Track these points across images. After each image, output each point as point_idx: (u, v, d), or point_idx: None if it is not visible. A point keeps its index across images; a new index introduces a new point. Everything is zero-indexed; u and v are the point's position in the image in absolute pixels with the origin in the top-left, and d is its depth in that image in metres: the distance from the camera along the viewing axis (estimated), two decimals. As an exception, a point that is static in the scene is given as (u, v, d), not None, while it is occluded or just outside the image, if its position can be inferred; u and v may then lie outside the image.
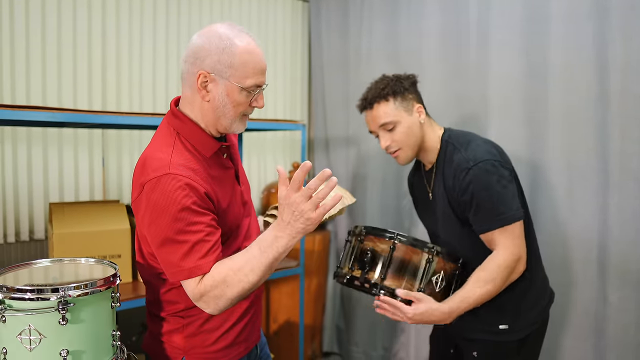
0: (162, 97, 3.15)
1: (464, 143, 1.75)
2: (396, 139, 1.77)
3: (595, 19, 2.18)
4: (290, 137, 3.84)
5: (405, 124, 1.77)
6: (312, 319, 3.49)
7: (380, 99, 1.79)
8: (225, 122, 1.41)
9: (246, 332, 1.54)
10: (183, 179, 1.30)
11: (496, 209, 1.64)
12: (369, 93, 1.83)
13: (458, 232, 1.77)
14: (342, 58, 3.52)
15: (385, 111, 1.78)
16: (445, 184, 1.74)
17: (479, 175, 1.64)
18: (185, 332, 1.46)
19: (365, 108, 1.85)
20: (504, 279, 1.65)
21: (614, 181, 2.15)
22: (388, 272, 1.65)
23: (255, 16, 3.59)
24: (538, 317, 1.75)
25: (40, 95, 2.70)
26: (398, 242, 1.67)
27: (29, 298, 1.16)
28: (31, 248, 2.75)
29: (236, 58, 1.35)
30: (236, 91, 1.37)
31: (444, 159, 1.78)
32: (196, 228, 1.30)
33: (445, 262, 1.68)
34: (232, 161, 1.54)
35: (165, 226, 1.30)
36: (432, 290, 1.65)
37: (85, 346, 1.20)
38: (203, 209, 1.32)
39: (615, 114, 2.14)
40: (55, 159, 2.78)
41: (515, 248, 1.65)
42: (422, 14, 2.93)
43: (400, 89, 1.80)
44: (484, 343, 1.74)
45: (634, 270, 2.11)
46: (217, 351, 1.48)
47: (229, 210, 1.44)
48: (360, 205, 3.41)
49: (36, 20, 2.67)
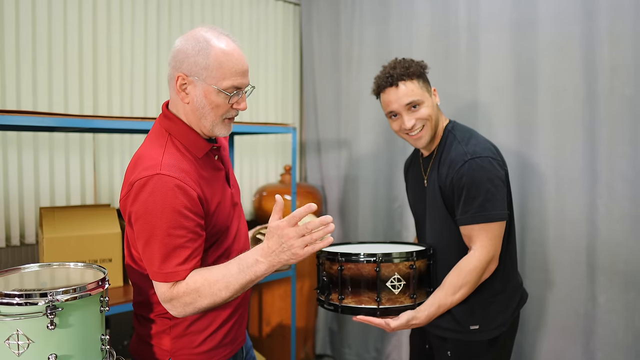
0: (153, 102, 3.14)
1: (466, 136, 1.77)
2: (422, 116, 1.76)
3: (582, 22, 2.21)
4: (282, 140, 3.84)
5: (429, 103, 1.77)
6: (304, 322, 3.49)
7: (407, 77, 1.75)
8: (207, 124, 1.42)
9: (232, 334, 1.54)
10: (173, 180, 1.31)
11: (483, 205, 1.65)
12: (394, 71, 1.77)
13: (442, 221, 1.78)
14: (334, 61, 3.53)
15: (412, 89, 1.75)
16: (440, 172, 1.76)
17: (474, 169, 1.66)
18: (172, 334, 1.46)
19: (390, 85, 1.77)
20: (477, 280, 1.69)
21: (602, 182, 2.17)
22: (344, 291, 1.68)
23: (246, 19, 3.60)
24: (507, 319, 1.79)
25: (30, 99, 2.69)
26: (344, 261, 1.68)
27: (17, 303, 1.15)
28: (22, 253, 2.74)
29: (211, 59, 1.36)
30: (213, 93, 1.37)
31: (443, 147, 1.80)
32: (179, 233, 1.31)
33: (396, 264, 1.68)
34: (223, 163, 1.54)
35: (150, 226, 1.31)
36: (391, 295, 1.66)
37: (73, 351, 1.20)
38: (191, 212, 1.33)
39: (604, 115, 2.16)
40: (46, 163, 2.77)
41: (492, 248, 1.68)
42: (413, 17, 2.95)
43: (422, 70, 1.80)
44: (455, 342, 1.78)
45: (623, 271, 2.13)
46: (203, 352, 1.47)
47: (218, 211, 1.44)
48: (352, 207, 3.42)
49: (26, 24, 2.66)
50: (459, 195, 1.69)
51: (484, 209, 1.65)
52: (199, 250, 1.36)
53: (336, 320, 3.57)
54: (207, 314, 1.46)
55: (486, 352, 1.78)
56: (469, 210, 1.67)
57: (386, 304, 1.66)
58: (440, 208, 1.77)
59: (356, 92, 3.36)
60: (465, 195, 1.67)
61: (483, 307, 1.74)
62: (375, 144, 3.26)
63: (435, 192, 1.78)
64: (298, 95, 3.98)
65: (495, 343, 1.77)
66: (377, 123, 3.23)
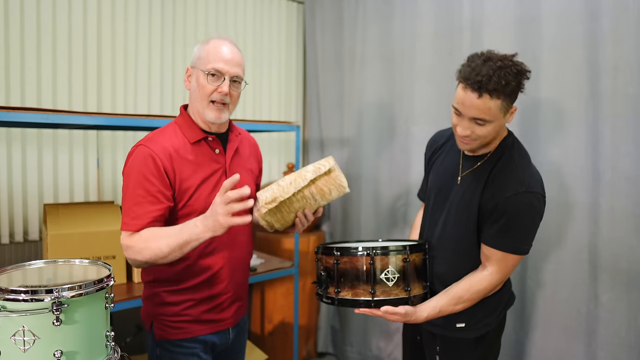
0: (156, 99, 3.15)
1: (524, 163, 1.69)
2: (479, 134, 1.61)
3: (586, 21, 2.20)
4: (285, 138, 3.85)
5: (497, 124, 1.61)
6: (306, 320, 3.49)
7: (495, 93, 1.52)
8: (198, 106, 1.67)
9: (212, 315, 1.73)
10: (147, 150, 1.59)
11: (516, 237, 1.64)
12: (489, 81, 1.52)
13: (463, 222, 1.75)
14: (337, 59, 3.53)
15: (489, 107, 1.55)
16: (486, 189, 1.69)
17: (524, 203, 1.61)
18: (155, 300, 1.71)
19: (473, 90, 1.54)
20: (480, 299, 1.72)
21: (605, 181, 2.17)
22: (340, 284, 1.71)
23: (250, 18, 3.60)
24: (494, 320, 1.79)
25: (35, 96, 2.70)
26: (339, 255, 1.72)
27: (23, 299, 1.16)
28: (25, 249, 2.75)
29: (204, 50, 1.66)
30: (201, 76, 1.65)
31: (496, 161, 1.70)
32: (139, 192, 1.57)
33: (390, 257, 1.70)
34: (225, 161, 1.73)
35: (125, 184, 1.61)
36: (385, 287, 1.69)
37: (79, 347, 1.21)
38: (155, 178, 1.57)
39: (607, 115, 2.16)
40: (49, 160, 2.78)
41: (505, 276, 1.69)
42: (416, 15, 2.95)
43: (516, 91, 1.58)
44: (443, 338, 1.81)
45: (625, 270, 2.13)
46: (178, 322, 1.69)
47: (197, 193, 1.65)
48: (355, 206, 3.43)
49: (31, 22, 2.67)
50: (497, 219, 1.66)
51: (516, 241, 1.64)
52: (155, 211, 1.57)
53: (338, 318, 3.58)
54: (187, 290, 1.68)
55: (473, 349, 1.79)
56: (500, 237, 1.65)
57: (380, 296, 1.68)
58: (470, 220, 1.73)
59: (359, 90, 3.36)
60: (504, 222, 1.64)
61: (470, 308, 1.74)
62: (378, 142, 3.26)
63: (472, 203, 1.72)
64: (301, 93, 3.98)
65: (482, 341, 1.79)
66: (380, 121, 3.23)
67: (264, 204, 1.67)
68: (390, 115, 3.17)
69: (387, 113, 3.19)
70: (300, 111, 3.98)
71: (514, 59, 1.58)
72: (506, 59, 1.57)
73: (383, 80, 3.21)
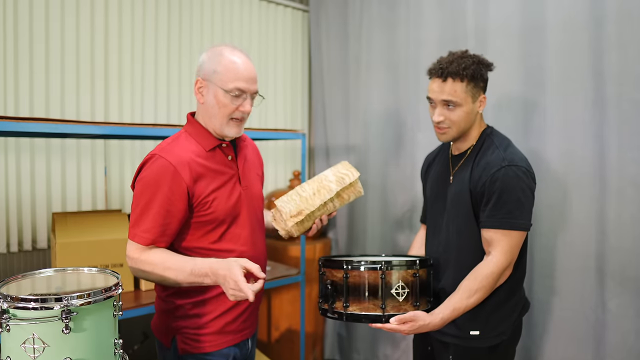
0: (163, 108, 3.18)
1: (504, 143, 1.78)
2: (452, 118, 1.76)
3: (591, 28, 2.20)
4: (291, 146, 3.86)
5: (466, 109, 1.76)
6: (313, 327, 3.49)
7: (456, 76, 1.73)
8: (216, 122, 1.64)
9: (236, 324, 1.71)
10: (164, 162, 1.56)
11: (511, 212, 1.66)
12: (449, 65, 1.75)
13: (463, 221, 1.79)
14: (342, 67, 3.55)
15: (455, 89, 1.74)
16: (473, 173, 1.77)
17: (509, 176, 1.67)
18: (177, 314, 1.67)
19: (438, 76, 1.78)
20: (493, 285, 1.70)
21: (611, 188, 2.16)
22: (349, 299, 1.70)
23: (255, 26, 3.63)
24: (509, 327, 1.79)
25: (43, 106, 2.73)
26: (350, 269, 1.70)
27: (33, 307, 1.17)
28: (34, 257, 2.77)
29: (221, 65, 1.60)
30: (220, 93, 1.60)
31: (479, 149, 1.80)
32: (153, 204, 1.54)
33: (400, 272, 1.70)
34: (238, 167, 1.74)
35: (138, 193, 1.58)
36: (395, 302, 1.68)
37: (87, 355, 1.22)
38: (171, 191, 1.55)
39: (613, 121, 2.15)
40: (58, 169, 2.80)
41: (510, 255, 1.69)
42: (421, 23, 2.96)
43: (479, 75, 1.77)
44: (456, 347, 1.79)
45: (633, 277, 2.12)
46: (204, 335, 1.66)
47: (217, 201, 1.64)
48: (361, 213, 3.43)
49: (39, 32, 2.70)
50: (488, 199, 1.70)
51: (512, 216, 1.66)
52: (165, 225, 1.56)
53: (345, 325, 3.57)
54: (211, 301, 1.66)
55: (487, 359, 1.78)
56: (495, 215, 1.68)
57: (391, 311, 1.67)
58: (464, 208, 1.78)
59: (365, 98, 3.37)
60: (495, 199, 1.68)
61: (485, 314, 1.74)
62: (384, 150, 3.26)
63: (463, 191, 1.78)
64: (307, 101, 4.00)
65: (495, 350, 1.77)
66: (386, 128, 3.23)
67: (289, 217, 1.69)
68: (395, 122, 3.18)
69: (392, 120, 3.20)
70: (305, 119, 3.99)
71: (475, 54, 1.82)
72: (466, 53, 1.82)
73: (388, 87, 3.22)
